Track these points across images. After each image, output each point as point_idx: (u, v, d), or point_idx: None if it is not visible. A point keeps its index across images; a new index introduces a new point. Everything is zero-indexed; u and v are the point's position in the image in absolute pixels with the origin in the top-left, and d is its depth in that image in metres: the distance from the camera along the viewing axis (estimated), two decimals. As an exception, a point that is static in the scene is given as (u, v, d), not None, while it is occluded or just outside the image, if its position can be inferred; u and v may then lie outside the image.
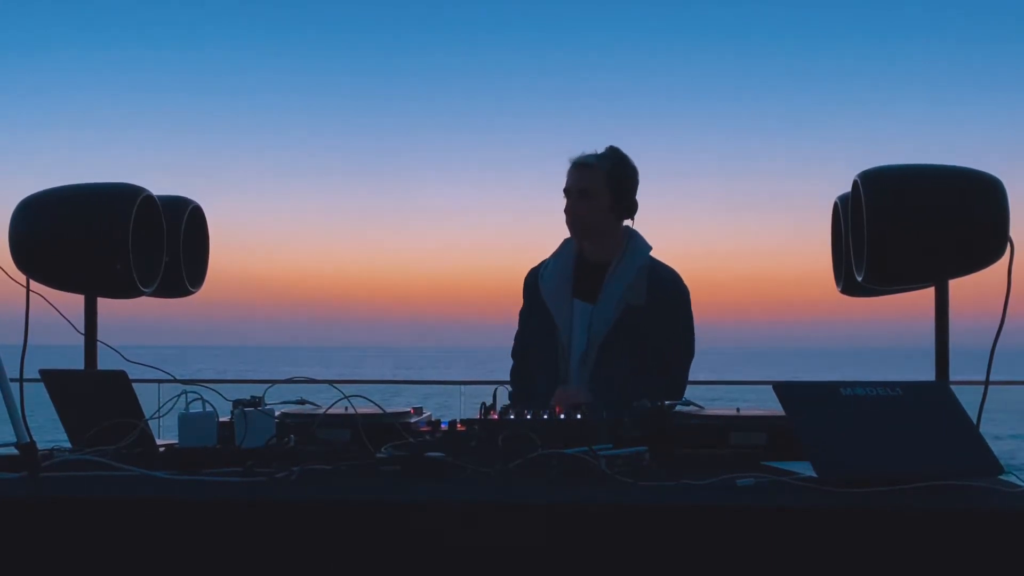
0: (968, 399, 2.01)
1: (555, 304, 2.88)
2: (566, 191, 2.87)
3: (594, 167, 2.84)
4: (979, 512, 1.63)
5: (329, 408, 2.32)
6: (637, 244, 2.89)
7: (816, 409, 1.88)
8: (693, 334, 2.89)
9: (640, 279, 2.83)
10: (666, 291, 2.86)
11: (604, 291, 2.83)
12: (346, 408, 2.33)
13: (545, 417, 2.21)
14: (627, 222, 2.92)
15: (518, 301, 3.08)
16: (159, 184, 2.97)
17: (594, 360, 2.82)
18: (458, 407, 6.61)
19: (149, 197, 2.84)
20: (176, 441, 2.20)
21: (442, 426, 2.28)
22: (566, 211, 2.87)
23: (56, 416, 2.39)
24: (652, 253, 2.91)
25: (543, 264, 3.01)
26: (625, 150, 2.91)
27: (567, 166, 2.91)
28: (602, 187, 2.83)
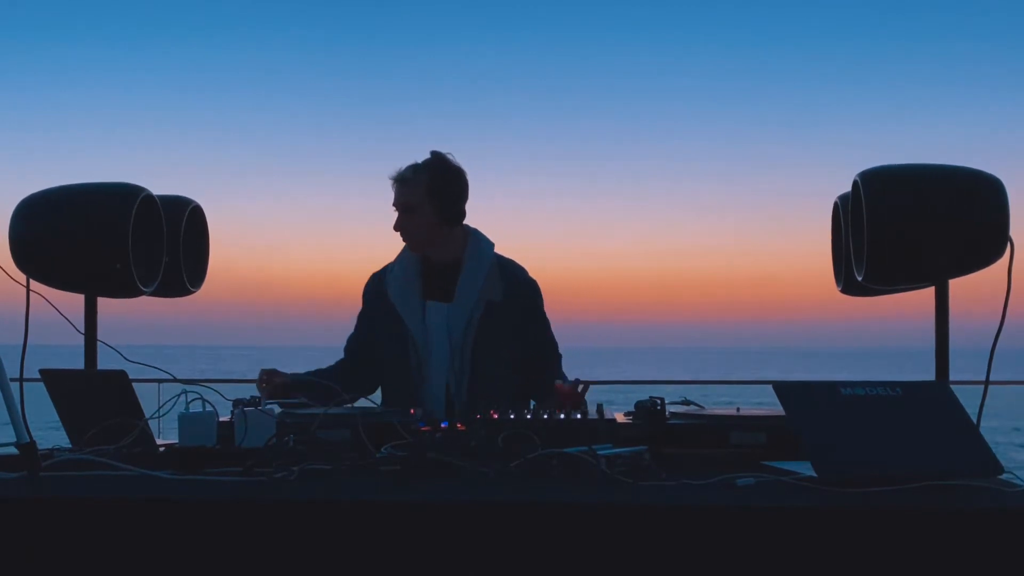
0: (968, 399, 2.01)
1: (405, 307, 2.89)
2: (394, 206, 2.89)
3: (413, 181, 2.84)
4: (979, 512, 1.63)
5: (329, 408, 2.32)
6: (481, 242, 2.93)
7: (816, 409, 1.88)
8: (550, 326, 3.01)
9: (493, 276, 2.89)
10: (521, 286, 2.95)
11: (460, 290, 2.87)
12: (346, 408, 2.32)
13: (545, 417, 2.21)
14: (468, 222, 2.95)
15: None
16: (159, 184, 2.97)
17: (470, 360, 2.85)
18: (458, 407, 6.59)
19: (149, 197, 2.84)
20: (176, 441, 2.20)
21: (442, 426, 2.27)
22: (395, 227, 2.89)
23: (56, 416, 2.39)
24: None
25: (386, 269, 3.01)
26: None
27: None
28: (424, 200, 2.83)
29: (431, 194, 2.83)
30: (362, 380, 2.95)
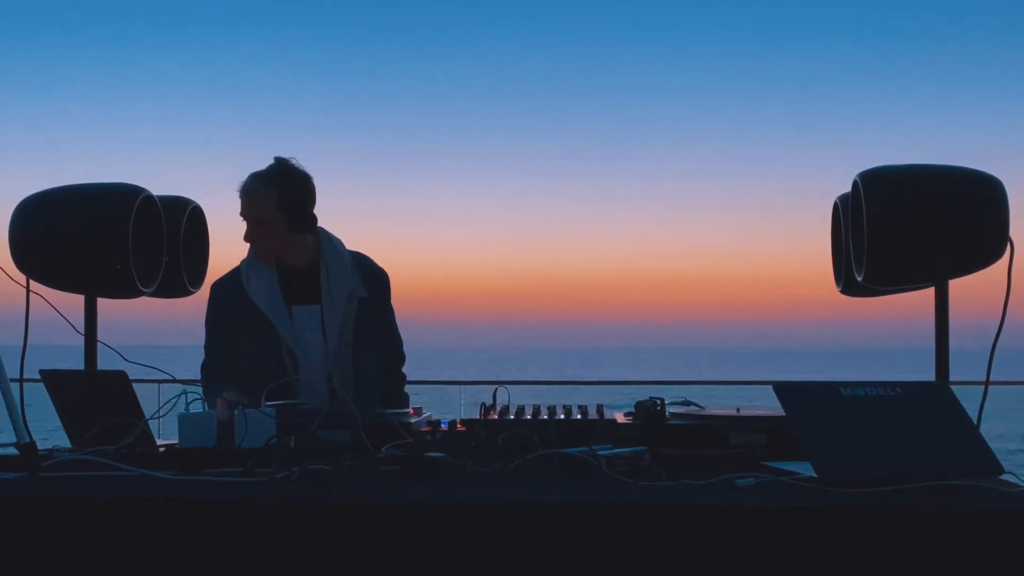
0: (968, 399, 2.01)
1: (274, 313, 2.82)
2: (242, 216, 2.82)
3: (263, 195, 2.76)
4: (979, 512, 1.63)
5: (329, 408, 2.32)
6: (335, 242, 2.91)
7: (816, 409, 1.88)
8: None
9: (355, 273, 2.88)
10: (380, 281, 2.96)
11: (327, 292, 2.84)
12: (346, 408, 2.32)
13: (545, 417, 2.21)
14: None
15: (518, 302, 3.10)
16: (159, 184, 2.96)
17: (350, 359, 2.84)
18: (458, 407, 6.61)
19: (149, 197, 2.84)
20: (176, 441, 2.20)
21: (442, 426, 2.28)
22: (246, 239, 2.83)
23: (56, 416, 2.39)
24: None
25: (236, 274, 2.91)
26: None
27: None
28: (274, 212, 2.76)
29: (282, 207, 2.77)
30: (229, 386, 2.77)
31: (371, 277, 2.93)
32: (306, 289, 2.84)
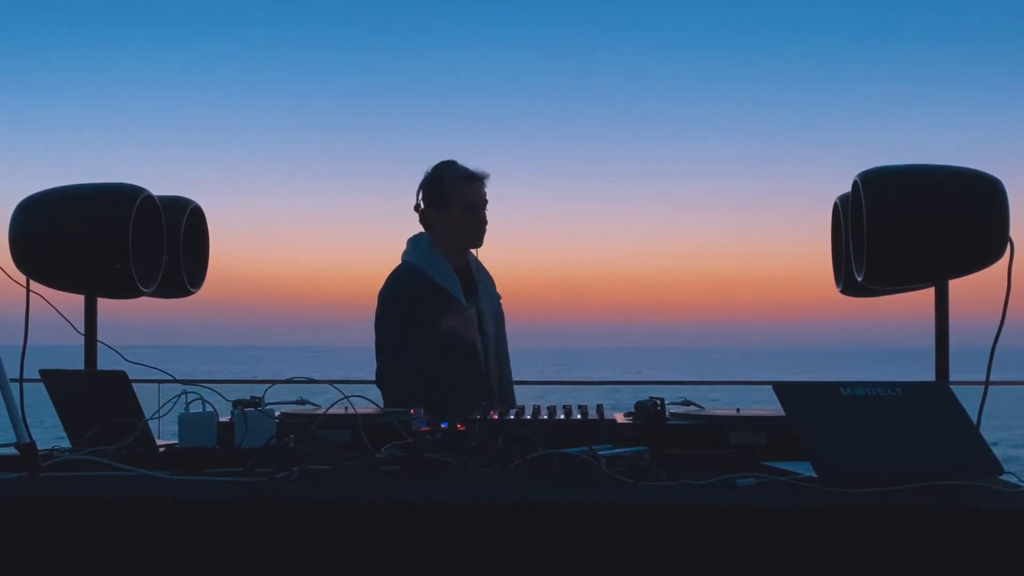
0: (968, 399, 2.01)
1: (469, 307, 2.89)
2: (475, 204, 2.95)
3: (487, 181, 3.00)
4: (979, 512, 1.63)
5: (329, 408, 2.32)
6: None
7: (816, 409, 1.88)
8: None
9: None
10: (494, 286, 3.12)
11: (483, 291, 3.00)
12: (346, 408, 2.32)
13: (545, 417, 2.21)
14: None
15: (519, 302, 3.14)
16: (159, 184, 2.97)
17: (505, 356, 3.03)
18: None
19: (149, 197, 2.84)
20: (176, 441, 2.20)
21: (442, 426, 2.27)
22: (477, 223, 2.95)
23: (56, 416, 2.39)
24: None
25: (413, 271, 2.94)
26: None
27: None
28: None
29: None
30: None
31: (494, 283, 3.10)
32: (467, 287, 2.98)
